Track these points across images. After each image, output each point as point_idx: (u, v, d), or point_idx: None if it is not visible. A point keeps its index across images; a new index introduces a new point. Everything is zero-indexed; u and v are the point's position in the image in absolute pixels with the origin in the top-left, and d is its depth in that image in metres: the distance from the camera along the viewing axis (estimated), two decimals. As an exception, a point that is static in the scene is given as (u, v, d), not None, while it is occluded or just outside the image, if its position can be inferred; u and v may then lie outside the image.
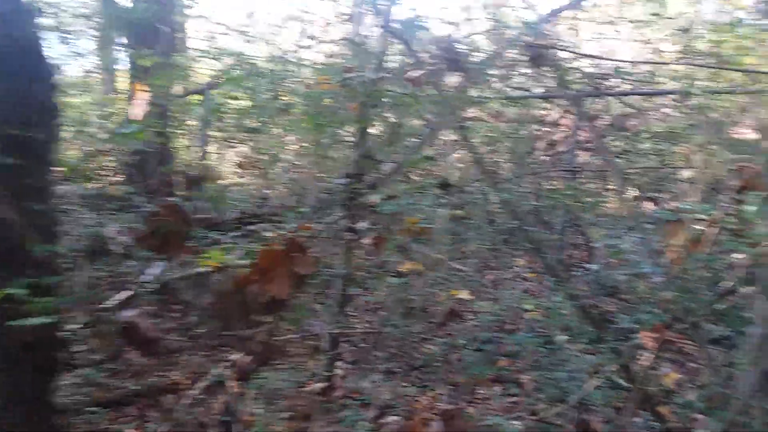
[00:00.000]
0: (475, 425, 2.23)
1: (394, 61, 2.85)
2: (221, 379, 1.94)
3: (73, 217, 3.39)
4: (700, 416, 3.20)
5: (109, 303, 1.99)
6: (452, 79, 1.80)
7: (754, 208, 2.09)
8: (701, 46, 3.48)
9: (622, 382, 2.54)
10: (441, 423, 2.28)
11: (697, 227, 2.19)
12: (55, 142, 1.79)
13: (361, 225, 2.58)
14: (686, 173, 3.18)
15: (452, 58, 1.73)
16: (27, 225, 1.56)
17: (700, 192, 2.46)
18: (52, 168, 1.79)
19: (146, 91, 2.52)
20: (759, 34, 2.63)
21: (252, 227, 2.69)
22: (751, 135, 3.88)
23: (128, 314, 1.51)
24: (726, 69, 2.79)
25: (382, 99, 2.31)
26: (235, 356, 1.85)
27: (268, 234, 2.34)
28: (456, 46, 1.77)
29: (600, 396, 2.51)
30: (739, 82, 3.74)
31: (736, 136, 3.95)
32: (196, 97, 4.25)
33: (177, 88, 4.35)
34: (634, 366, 2.32)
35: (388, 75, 2.20)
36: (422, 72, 1.91)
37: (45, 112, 1.74)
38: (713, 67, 2.85)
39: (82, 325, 1.80)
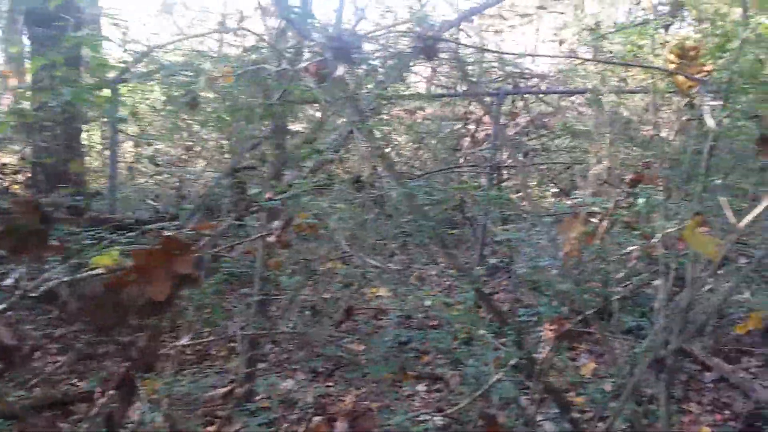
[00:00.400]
0: (379, 424, 2.21)
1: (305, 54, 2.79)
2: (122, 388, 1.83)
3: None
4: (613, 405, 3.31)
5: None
6: (341, 70, 1.77)
7: (642, 201, 2.16)
8: (609, 46, 3.62)
9: (528, 374, 2.58)
10: (346, 424, 2.25)
11: (593, 220, 2.24)
12: None
13: (276, 223, 2.52)
14: (594, 169, 3.29)
15: (340, 47, 1.69)
16: None
17: (597, 186, 2.55)
18: None
19: (10, 77, 2.35)
20: (655, 33, 2.74)
21: (152, 227, 2.57)
22: (656, 132, 4.06)
23: (-19, 321, 1.39)
24: (615, 64, 2.90)
25: (285, 92, 2.25)
26: (115, 364, 1.75)
27: (168, 234, 2.24)
28: (345, 35, 1.73)
29: (508, 389, 2.54)
30: (648, 83, 3.91)
31: (644, 133, 4.13)
32: (106, 91, 4.04)
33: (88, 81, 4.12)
34: (536, 358, 2.37)
35: (288, 67, 2.14)
36: (314, 63, 1.86)
37: None
38: (605, 62, 2.95)
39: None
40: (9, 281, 1.51)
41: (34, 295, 1.82)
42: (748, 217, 1.80)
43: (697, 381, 4.24)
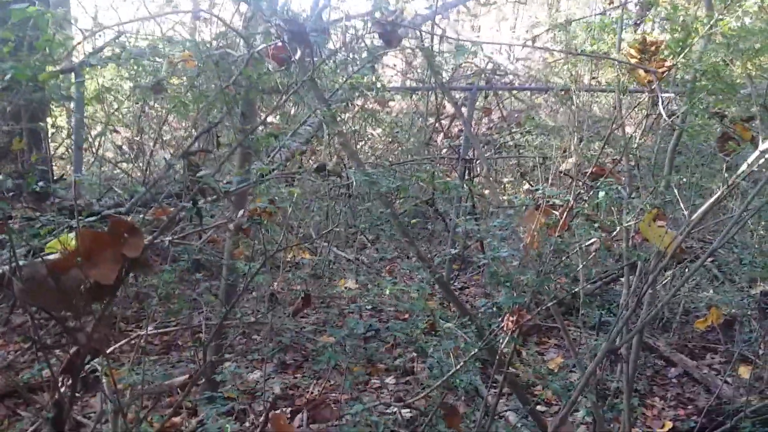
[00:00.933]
0: (339, 413, 2.21)
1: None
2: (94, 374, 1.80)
3: None
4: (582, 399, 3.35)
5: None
6: (298, 53, 1.74)
7: (602, 194, 2.18)
8: (579, 43, 3.65)
9: (490, 365, 2.59)
10: (306, 413, 2.24)
11: (554, 212, 2.25)
12: None
13: (240, 212, 2.49)
14: (562, 165, 3.31)
15: (296, 30, 1.67)
16: None
17: (560, 179, 2.56)
18: None
19: None
20: (622, 30, 2.77)
21: (111, 212, 2.52)
22: (627, 130, 4.10)
23: None
24: (573, 54, 2.92)
25: (243, 77, 2.22)
26: (60, 349, 1.71)
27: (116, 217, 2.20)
28: (302, 18, 1.71)
29: (469, 379, 2.55)
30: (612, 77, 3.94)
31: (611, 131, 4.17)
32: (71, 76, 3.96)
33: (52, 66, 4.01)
34: (497, 348, 2.37)
35: (246, 52, 2.11)
36: (271, 46, 1.84)
37: None
38: (564, 53, 2.97)
39: None
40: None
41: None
42: (701, 210, 1.83)
43: (661, 376, 4.30)
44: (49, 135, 4.09)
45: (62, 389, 2.01)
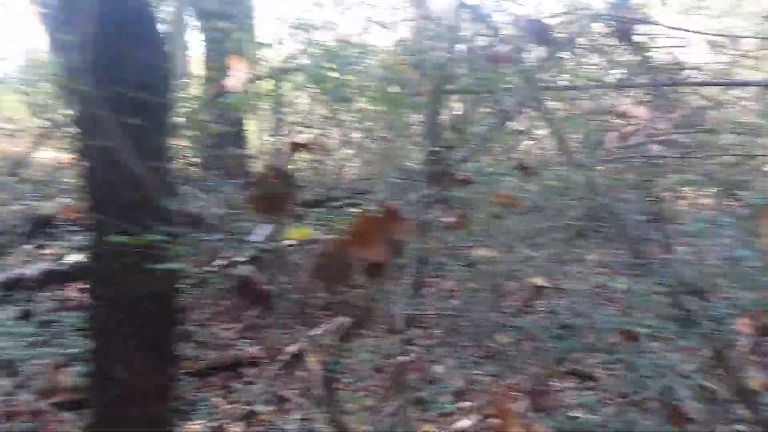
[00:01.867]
0: (559, 402, 2.21)
1: (469, 40, 2.83)
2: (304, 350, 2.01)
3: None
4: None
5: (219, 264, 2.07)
6: (538, 54, 1.78)
7: None
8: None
9: (711, 373, 2.45)
10: (528, 400, 2.27)
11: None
12: (170, 107, 1.91)
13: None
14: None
15: (538, 31, 1.70)
16: (154, 181, 1.67)
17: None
18: (168, 131, 1.92)
19: (241, 62, 2.61)
20: None
21: (333, 204, 2.75)
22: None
23: (243, 269, 1.58)
24: None
25: (457, 80, 2.31)
26: (333, 319, 1.91)
27: (354, 210, 2.40)
28: (541, 20, 1.75)
29: (689, 384, 2.44)
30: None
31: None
32: (266, 82, 4.38)
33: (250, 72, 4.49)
34: (729, 353, 2.24)
35: (464, 54, 2.20)
36: (507, 48, 1.89)
37: (160, 76, 1.87)
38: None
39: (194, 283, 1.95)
40: (256, 237, 1.70)
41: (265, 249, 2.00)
42: None
43: None
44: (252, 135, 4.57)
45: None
